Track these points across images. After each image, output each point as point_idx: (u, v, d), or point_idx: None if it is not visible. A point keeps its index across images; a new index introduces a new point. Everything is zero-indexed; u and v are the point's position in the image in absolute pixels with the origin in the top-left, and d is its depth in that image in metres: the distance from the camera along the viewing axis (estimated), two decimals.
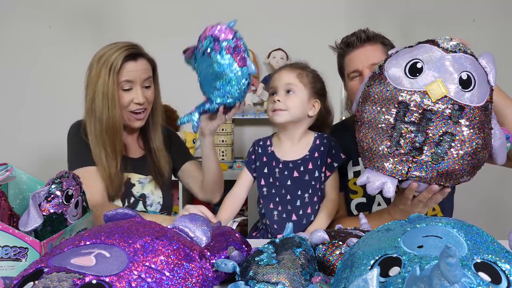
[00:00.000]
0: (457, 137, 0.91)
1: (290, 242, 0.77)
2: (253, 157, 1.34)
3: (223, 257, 0.82)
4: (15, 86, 2.66)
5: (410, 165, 0.95)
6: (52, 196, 0.87)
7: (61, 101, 2.64)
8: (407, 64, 0.95)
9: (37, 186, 1.00)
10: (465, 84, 0.91)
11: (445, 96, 0.91)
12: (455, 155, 0.92)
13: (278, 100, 1.25)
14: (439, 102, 0.91)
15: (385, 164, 0.96)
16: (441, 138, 0.92)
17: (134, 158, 1.41)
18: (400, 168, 0.96)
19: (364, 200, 1.37)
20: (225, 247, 0.85)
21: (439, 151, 0.93)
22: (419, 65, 0.94)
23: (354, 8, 2.59)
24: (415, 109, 0.92)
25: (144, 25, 2.56)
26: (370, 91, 0.98)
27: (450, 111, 0.91)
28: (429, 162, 0.94)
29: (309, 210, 1.27)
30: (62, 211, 0.88)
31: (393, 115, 0.94)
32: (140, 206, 1.38)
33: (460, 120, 0.91)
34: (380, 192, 1.08)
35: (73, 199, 0.91)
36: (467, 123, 0.91)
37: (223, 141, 2.45)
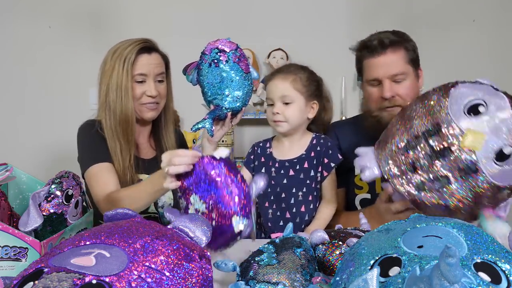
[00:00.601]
0: (449, 187, 0.89)
1: (290, 242, 0.77)
2: (252, 157, 1.37)
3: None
4: (15, 86, 2.66)
5: (399, 174, 0.95)
6: (52, 196, 0.87)
7: (61, 101, 2.64)
8: (473, 99, 0.90)
9: (37, 186, 1.00)
10: (501, 157, 0.86)
11: (474, 151, 0.87)
12: (435, 198, 0.90)
13: (277, 113, 1.27)
14: (464, 151, 0.87)
15: (386, 156, 0.97)
16: (439, 178, 0.89)
17: (146, 159, 1.41)
18: (391, 168, 0.96)
19: (368, 196, 1.38)
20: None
21: (429, 185, 0.91)
22: (481, 109, 0.88)
23: (354, 8, 2.59)
24: (442, 139, 0.89)
25: (144, 26, 2.56)
26: (430, 94, 0.96)
27: (465, 164, 0.87)
28: (413, 185, 0.93)
29: (303, 209, 1.28)
30: (62, 211, 0.88)
31: (425, 128, 0.92)
32: (151, 208, 1.38)
33: (465, 177, 0.87)
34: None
35: (73, 199, 0.91)
36: (467, 184, 0.87)
37: (223, 141, 2.44)
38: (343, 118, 2.28)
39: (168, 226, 0.70)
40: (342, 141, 1.43)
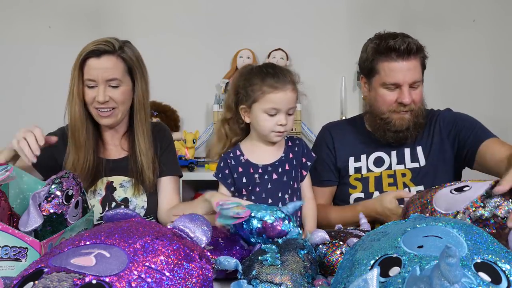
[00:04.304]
0: None
1: (294, 244, 0.78)
2: (226, 171, 1.26)
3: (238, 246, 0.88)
4: (15, 86, 2.66)
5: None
6: (52, 196, 0.87)
7: (61, 102, 2.63)
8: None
9: (37, 186, 1.00)
10: None
11: None
12: None
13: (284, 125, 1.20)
14: None
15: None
16: None
17: (116, 159, 1.36)
18: None
19: (362, 195, 1.40)
20: (237, 240, 0.90)
21: None
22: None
23: (354, 8, 2.59)
24: None
25: (144, 25, 2.56)
26: None
27: None
28: None
29: None
30: (62, 211, 0.88)
31: None
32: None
33: None
34: (379, 189, 1.34)
35: (73, 199, 0.91)
36: None
37: None
38: (343, 118, 2.28)
39: (168, 226, 0.70)
40: (336, 141, 1.44)
